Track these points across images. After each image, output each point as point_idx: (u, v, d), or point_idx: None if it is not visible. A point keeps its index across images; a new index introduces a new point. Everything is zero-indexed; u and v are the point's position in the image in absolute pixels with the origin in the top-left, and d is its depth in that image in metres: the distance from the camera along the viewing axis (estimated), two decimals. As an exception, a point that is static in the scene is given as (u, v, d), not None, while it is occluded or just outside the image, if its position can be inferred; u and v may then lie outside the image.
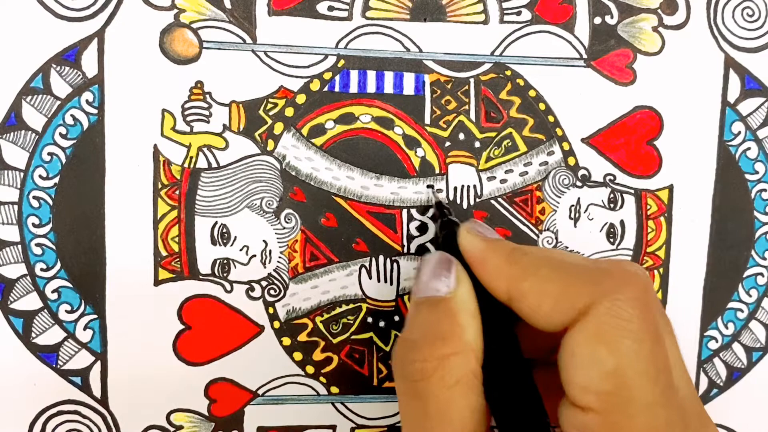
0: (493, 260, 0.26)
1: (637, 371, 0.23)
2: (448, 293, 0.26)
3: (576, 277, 0.25)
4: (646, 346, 0.23)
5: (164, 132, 0.31)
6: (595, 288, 0.24)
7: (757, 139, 0.35)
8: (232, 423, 0.33)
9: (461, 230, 0.28)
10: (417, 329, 0.26)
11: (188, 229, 0.32)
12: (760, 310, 0.36)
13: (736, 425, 0.37)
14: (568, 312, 0.24)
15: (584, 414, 0.23)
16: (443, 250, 0.28)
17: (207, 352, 0.32)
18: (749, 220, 0.36)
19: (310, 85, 0.32)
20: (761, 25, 0.35)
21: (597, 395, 0.23)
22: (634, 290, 0.24)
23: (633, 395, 0.23)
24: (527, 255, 0.26)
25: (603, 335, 0.23)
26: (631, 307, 0.24)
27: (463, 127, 0.33)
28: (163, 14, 0.31)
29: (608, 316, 0.24)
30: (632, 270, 0.25)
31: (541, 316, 0.25)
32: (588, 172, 0.34)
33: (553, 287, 0.25)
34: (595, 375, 0.23)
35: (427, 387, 0.25)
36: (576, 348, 0.24)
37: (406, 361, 0.25)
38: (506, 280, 0.26)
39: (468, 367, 0.25)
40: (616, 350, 0.23)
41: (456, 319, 0.26)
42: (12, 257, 0.31)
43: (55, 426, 0.32)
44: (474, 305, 0.26)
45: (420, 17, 0.33)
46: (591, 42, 0.34)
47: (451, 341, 0.25)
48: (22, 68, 0.30)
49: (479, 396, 0.25)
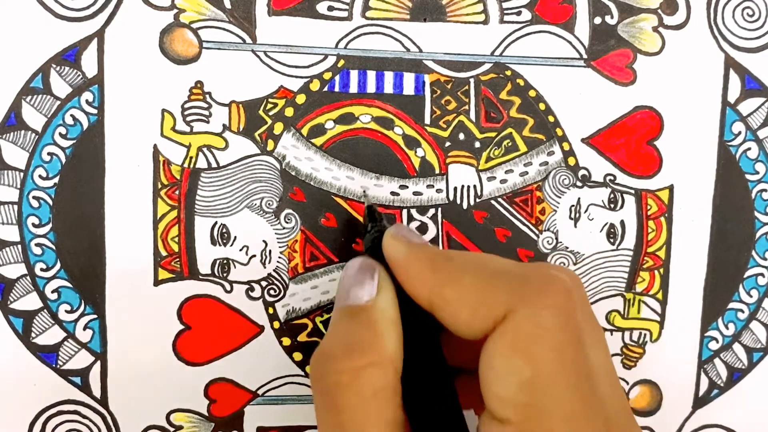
0: (415, 266, 0.25)
1: (555, 381, 0.22)
2: (369, 301, 0.26)
3: (494, 284, 0.24)
4: (567, 355, 0.23)
5: (164, 132, 0.31)
6: (513, 295, 0.23)
7: (757, 139, 0.35)
8: (231, 423, 0.33)
9: (386, 235, 0.27)
10: (335, 339, 0.25)
11: (188, 229, 0.32)
12: (761, 311, 0.36)
13: (737, 425, 0.37)
14: (486, 320, 0.23)
15: (502, 426, 0.23)
16: (372, 256, 0.27)
17: (207, 352, 0.32)
18: (750, 220, 0.36)
19: (310, 85, 0.32)
20: (761, 25, 0.35)
21: (514, 407, 0.22)
22: (555, 297, 0.23)
23: (551, 407, 0.22)
24: (450, 261, 0.25)
25: (519, 344, 0.23)
26: (551, 315, 0.23)
27: (463, 127, 0.33)
28: (162, 14, 0.31)
29: (525, 325, 0.23)
30: (554, 275, 0.24)
31: (460, 325, 0.24)
32: (588, 172, 0.34)
33: (472, 295, 0.24)
34: (511, 385, 0.22)
35: (343, 400, 0.24)
36: (493, 357, 0.23)
37: (322, 372, 0.24)
38: (428, 287, 0.25)
39: (386, 379, 0.24)
40: (533, 360, 0.22)
41: (375, 329, 0.25)
42: (12, 257, 0.31)
43: (54, 426, 0.32)
44: (395, 313, 0.25)
45: (420, 17, 0.33)
46: (591, 42, 0.34)
47: (369, 352, 0.24)
48: (22, 68, 0.30)
49: (397, 408, 0.24)
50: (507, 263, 0.26)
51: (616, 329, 0.35)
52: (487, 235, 0.34)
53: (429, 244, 0.27)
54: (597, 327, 0.25)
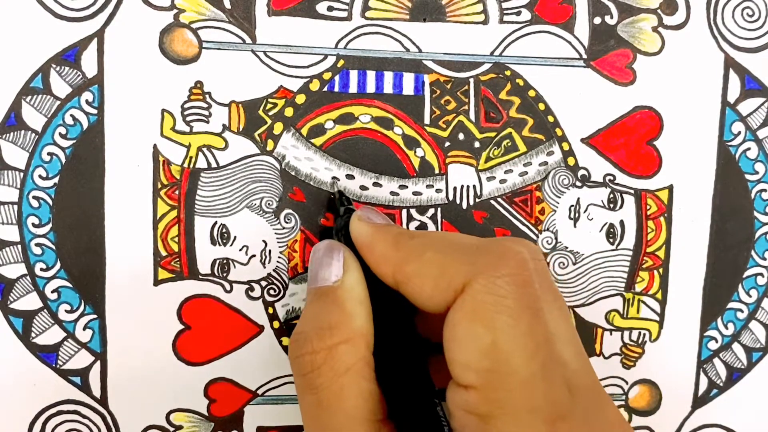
0: (379, 246, 0.27)
1: (514, 347, 0.23)
2: (336, 282, 0.27)
3: (454, 257, 0.25)
4: (524, 321, 0.24)
5: (164, 132, 0.31)
6: (471, 267, 0.24)
7: (757, 139, 0.35)
8: (231, 423, 0.33)
9: (352, 218, 0.28)
10: (307, 321, 0.26)
11: (188, 229, 0.32)
12: (760, 311, 0.36)
13: (736, 425, 0.37)
14: (447, 292, 0.25)
15: (467, 392, 0.24)
16: (342, 240, 0.28)
17: (207, 352, 0.32)
18: (749, 220, 0.36)
19: (310, 85, 0.32)
20: (761, 25, 0.35)
21: (476, 372, 0.23)
22: (511, 266, 0.24)
23: (511, 371, 0.23)
24: (413, 239, 0.27)
25: (479, 312, 0.24)
26: (507, 283, 0.24)
27: (462, 127, 0.33)
28: (162, 14, 0.31)
29: (484, 293, 0.24)
30: (510, 246, 0.25)
31: (424, 299, 0.25)
32: (588, 172, 0.34)
33: (433, 268, 0.25)
34: (473, 352, 0.23)
35: (319, 378, 0.25)
36: (455, 327, 0.24)
37: (298, 355, 0.26)
38: (392, 264, 0.26)
39: (358, 354, 0.25)
40: (492, 326, 0.23)
41: (344, 308, 0.26)
42: (12, 257, 0.31)
43: (54, 426, 0.32)
44: (363, 292, 0.27)
45: (420, 17, 0.33)
46: (591, 42, 0.34)
47: (340, 330, 0.25)
48: (21, 68, 0.30)
49: (371, 382, 0.25)
50: (467, 238, 0.27)
51: (616, 329, 0.35)
52: (486, 235, 0.34)
53: (394, 225, 0.29)
54: (556, 295, 0.26)
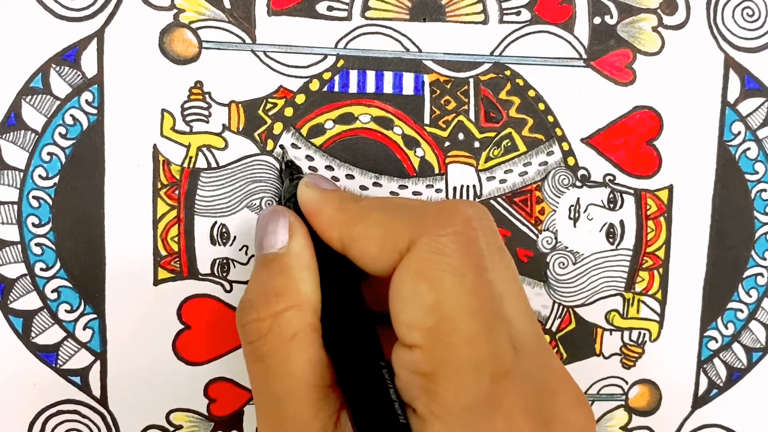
0: (326, 210, 0.27)
1: (457, 305, 0.23)
2: (282, 248, 0.26)
3: (398, 217, 0.25)
4: (468, 279, 0.23)
5: (164, 132, 0.31)
6: (415, 226, 0.24)
7: (757, 139, 0.35)
8: (231, 422, 0.33)
9: (300, 184, 0.28)
10: (253, 289, 0.26)
11: (188, 229, 0.32)
12: (760, 311, 0.36)
13: (736, 425, 0.37)
14: (392, 253, 0.24)
15: (411, 352, 0.23)
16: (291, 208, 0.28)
17: (206, 351, 0.32)
18: (749, 220, 0.36)
19: (310, 85, 0.32)
20: (761, 25, 0.35)
21: (421, 331, 0.23)
22: (455, 225, 0.24)
23: (454, 328, 0.23)
24: (358, 202, 0.26)
25: (423, 271, 0.24)
26: (451, 241, 0.24)
27: (462, 127, 0.33)
28: (162, 14, 0.31)
29: (428, 252, 0.24)
30: (454, 205, 0.25)
31: (370, 261, 0.25)
32: (587, 172, 0.34)
33: (378, 230, 0.25)
34: (417, 311, 0.23)
35: (265, 345, 0.25)
36: (400, 286, 0.24)
37: (245, 323, 0.25)
38: (338, 227, 0.26)
39: (305, 320, 0.25)
40: (436, 285, 0.23)
41: (290, 274, 0.26)
42: (12, 257, 0.31)
43: (54, 426, 0.32)
44: (310, 258, 0.26)
45: (419, 17, 0.33)
46: (590, 42, 0.34)
47: (285, 296, 0.25)
48: (21, 68, 0.30)
49: (319, 349, 0.25)
50: (412, 201, 0.27)
51: (616, 329, 0.35)
52: (486, 235, 0.34)
53: (341, 189, 0.28)
54: (504, 254, 0.26)
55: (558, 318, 0.35)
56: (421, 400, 0.23)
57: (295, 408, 0.24)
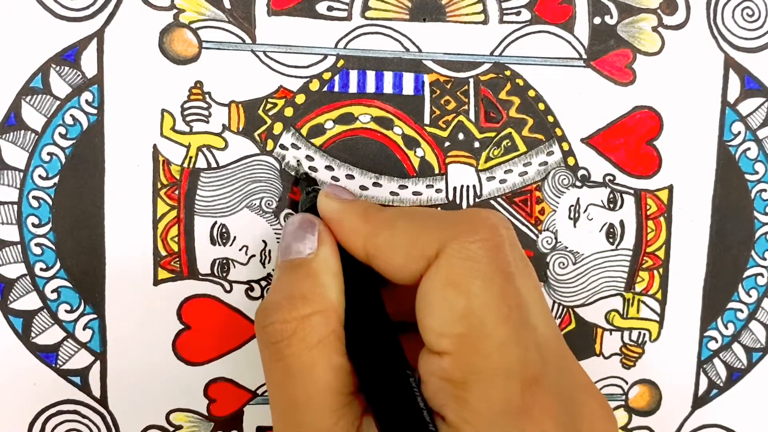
0: (349, 220, 0.27)
1: (487, 311, 0.23)
2: (311, 254, 0.26)
3: (425, 226, 0.25)
4: (496, 285, 0.23)
5: (164, 132, 0.31)
6: (443, 234, 0.24)
7: (757, 139, 0.35)
8: (231, 423, 0.33)
9: (320, 195, 0.28)
10: (279, 292, 0.26)
11: (187, 229, 0.32)
12: (760, 311, 0.36)
13: (736, 425, 0.37)
14: (419, 261, 0.25)
15: (441, 359, 0.23)
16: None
17: (206, 351, 0.32)
18: (749, 220, 0.36)
19: (310, 85, 0.32)
20: (761, 25, 0.35)
21: (450, 338, 0.23)
22: (483, 232, 0.24)
23: (485, 335, 0.23)
24: (381, 212, 0.27)
25: (452, 278, 0.24)
26: (479, 248, 0.24)
27: (462, 127, 0.33)
28: (162, 14, 0.31)
29: (457, 259, 0.24)
30: (481, 214, 0.26)
31: (396, 269, 0.25)
32: (587, 172, 0.34)
33: (405, 239, 0.25)
34: (447, 318, 0.23)
35: (289, 347, 0.25)
36: (428, 294, 0.24)
37: (267, 324, 0.25)
38: (362, 238, 0.26)
39: (329, 326, 0.25)
40: (466, 291, 0.23)
41: (317, 280, 0.26)
42: (12, 257, 0.31)
43: (54, 426, 0.32)
44: (337, 266, 0.26)
45: (419, 17, 0.33)
46: (590, 42, 0.34)
47: (312, 301, 0.25)
48: (21, 68, 0.30)
49: (341, 356, 0.25)
50: (435, 210, 0.28)
51: (616, 329, 0.35)
52: (486, 235, 0.34)
53: (361, 200, 0.28)
54: (526, 261, 0.26)
55: (558, 318, 0.35)
56: (451, 408, 0.23)
57: (316, 414, 0.24)
